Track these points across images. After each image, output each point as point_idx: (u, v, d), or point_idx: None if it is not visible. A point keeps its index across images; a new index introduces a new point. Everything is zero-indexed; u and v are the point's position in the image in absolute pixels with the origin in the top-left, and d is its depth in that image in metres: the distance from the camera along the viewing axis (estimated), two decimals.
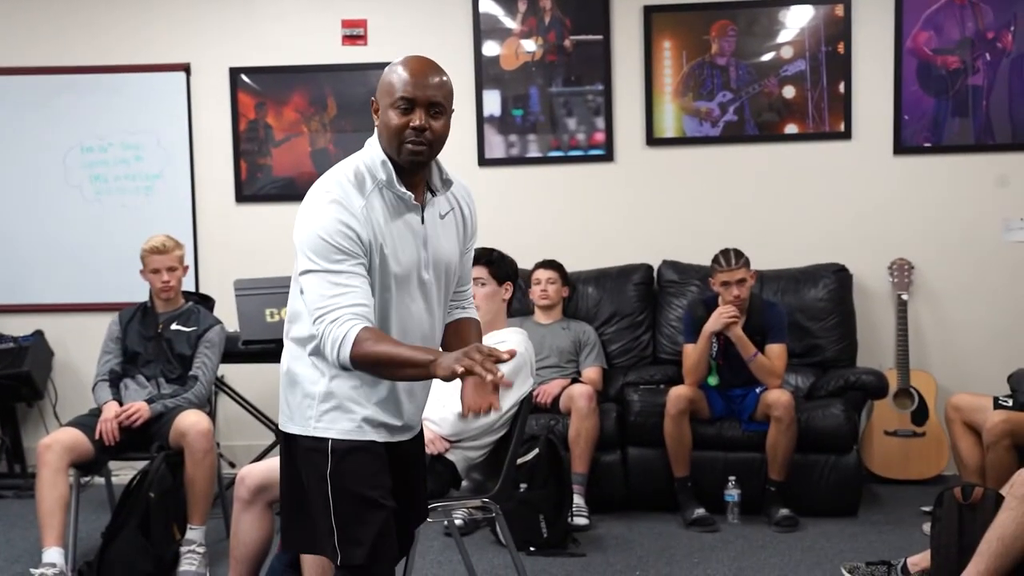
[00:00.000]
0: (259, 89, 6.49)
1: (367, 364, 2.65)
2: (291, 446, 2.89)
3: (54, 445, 4.55)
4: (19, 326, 6.52)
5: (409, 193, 2.79)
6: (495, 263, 4.27)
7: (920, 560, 4.19)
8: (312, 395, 2.80)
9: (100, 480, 5.29)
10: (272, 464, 3.82)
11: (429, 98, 2.77)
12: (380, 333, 2.68)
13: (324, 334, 2.64)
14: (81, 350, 6.43)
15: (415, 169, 2.80)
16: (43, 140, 6.57)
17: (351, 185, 2.74)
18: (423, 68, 2.80)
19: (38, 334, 6.50)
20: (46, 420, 6.51)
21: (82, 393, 6.09)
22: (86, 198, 6.59)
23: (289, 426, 2.88)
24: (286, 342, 2.91)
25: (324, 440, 2.78)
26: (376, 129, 2.80)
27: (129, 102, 6.55)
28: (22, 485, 6.11)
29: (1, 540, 5.27)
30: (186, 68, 6.51)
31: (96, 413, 4.83)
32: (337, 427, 2.78)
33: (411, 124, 2.73)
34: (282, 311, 4.87)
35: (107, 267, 6.51)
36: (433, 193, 2.89)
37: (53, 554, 4.36)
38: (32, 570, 4.35)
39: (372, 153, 2.79)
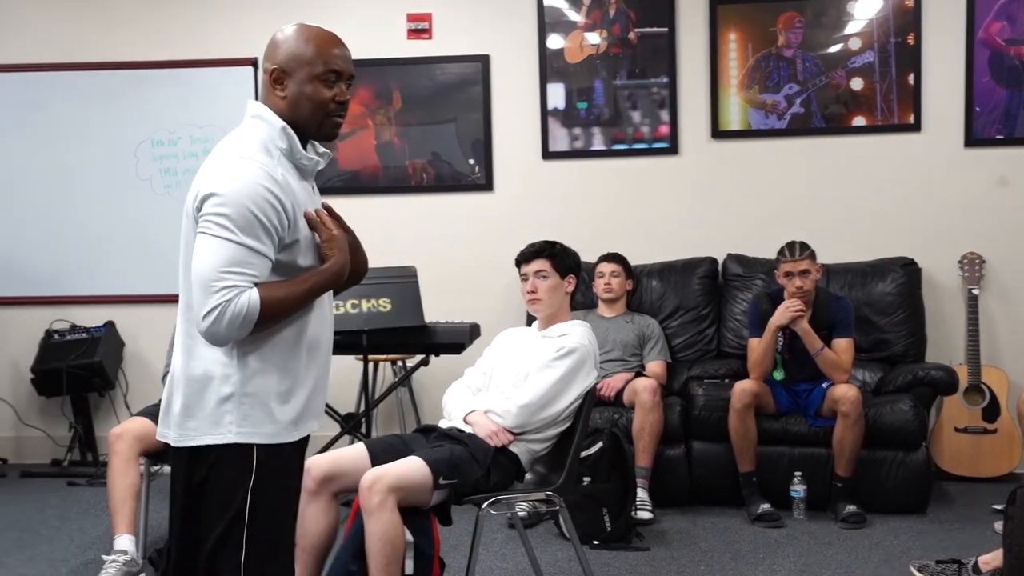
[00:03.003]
0: None
1: (275, 316, 2.50)
2: (196, 462, 2.58)
3: (125, 434, 4.62)
4: (91, 317, 6.65)
5: (316, 158, 2.65)
6: (557, 256, 4.25)
7: (992, 559, 4.14)
8: (228, 396, 2.54)
9: (169, 469, 5.36)
10: (337, 455, 3.87)
11: (351, 71, 2.64)
12: (268, 283, 2.50)
13: (221, 304, 2.43)
14: (151, 341, 6.53)
15: (330, 139, 2.70)
16: (115, 134, 6.67)
17: (263, 152, 2.54)
18: (339, 40, 2.65)
19: (109, 325, 6.61)
20: (117, 409, 6.61)
21: (152, 383, 6.21)
22: (156, 191, 6.69)
23: (196, 437, 2.56)
24: (186, 339, 2.63)
25: (248, 447, 2.54)
26: (276, 99, 2.59)
27: (198, 96, 6.64)
28: (94, 473, 6.22)
29: (74, 527, 5.37)
30: (253, 62, 6.58)
31: None
32: (263, 430, 2.55)
33: (337, 98, 2.61)
34: (348, 302, 4.88)
35: (176, 259, 6.57)
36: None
37: (124, 541, 4.43)
38: (104, 557, 4.42)
39: (268, 121, 2.58)
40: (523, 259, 4.28)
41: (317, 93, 2.58)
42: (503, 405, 3.97)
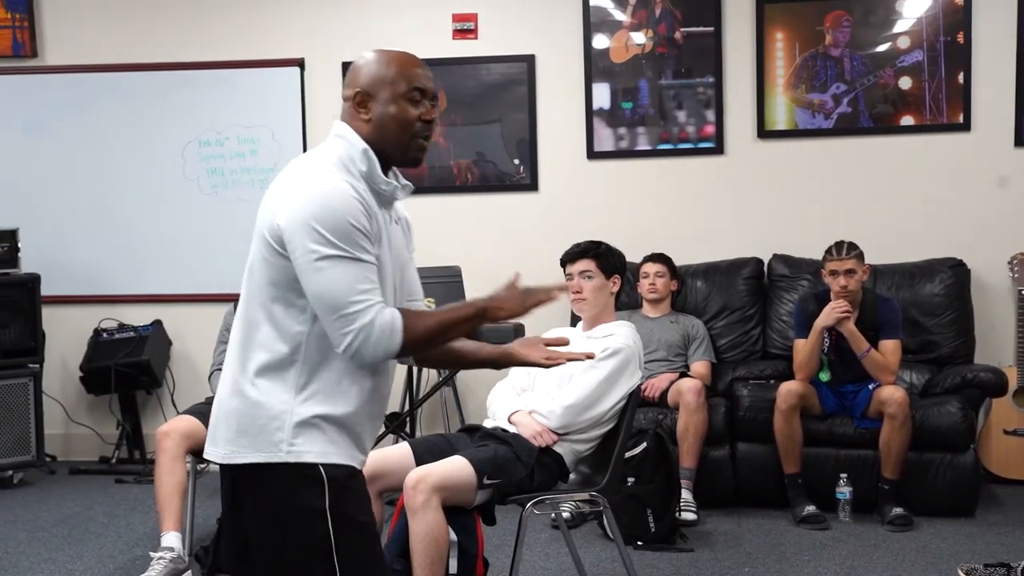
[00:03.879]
0: None
1: (422, 343, 2.47)
2: (254, 481, 2.50)
3: (172, 432, 4.66)
4: (139, 316, 6.71)
5: (394, 184, 2.57)
6: (603, 256, 4.25)
7: None
8: (279, 415, 2.46)
9: (216, 467, 5.41)
10: (381, 454, 3.88)
11: (434, 90, 2.60)
12: (414, 311, 2.51)
13: (366, 326, 2.36)
14: (198, 340, 6.59)
15: (416, 164, 2.62)
16: (163, 134, 6.74)
17: (343, 170, 2.48)
18: (420, 60, 2.60)
19: (157, 324, 6.68)
20: (164, 408, 6.68)
21: (199, 381, 6.26)
22: (203, 191, 6.74)
23: (246, 455, 2.49)
24: (236, 364, 2.55)
25: (312, 466, 2.45)
26: (360, 123, 2.54)
27: (245, 97, 6.69)
28: (142, 471, 6.28)
29: (122, 524, 5.43)
30: (300, 63, 6.62)
31: (212, 401, 4.93)
32: (317, 448, 2.46)
33: (424, 117, 2.55)
34: None
35: (223, 259, 6.64)
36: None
37: (171, 538, 4.47)
38: (151, 553, 4.46)
39: (350, 141, 2.52)
40: (568, 259, 4.28)
41: (402, 112, 2.53)
42: (548, 406, 3.97)
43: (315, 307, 2.41)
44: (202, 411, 4.89)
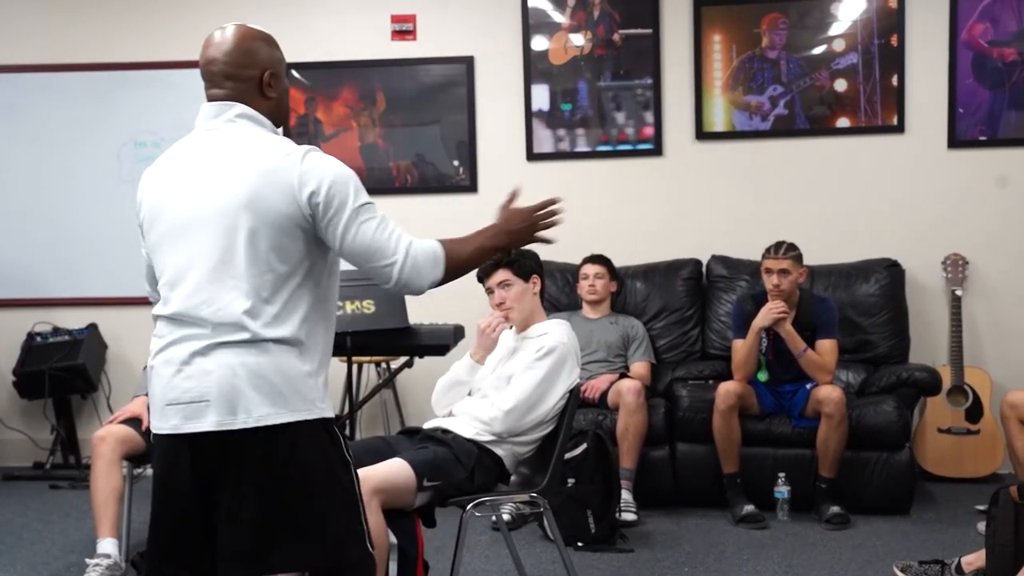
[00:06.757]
0: (309, 84, 6.53)
1: (458, 267, 2.86)
2: (287, 438, 2.56)
3: (108, 437, 4.61)
4: (74, 319, 6.62)
5: None
6: (515, 262, 4.21)
7: (975, 559, 4.14)
8: (312, 373, 2.61)
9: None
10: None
11: None
12: (449, 240, 2.86)
13: (415, 254, 2.68)
14: (134, 343, 6.51)
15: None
16: (98, 135, 6.64)
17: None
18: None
19: (92, 327, 6.58)
20: (100, 412, 6.59)
21: (135, 386, 6.17)
22: None
23: (283, 415, 2.54)
24: (268, 321, 2.58)
25: (330, 420, 2.65)
26: (265, 102, 2.86)
27: (181, 97, 6.59)
28: (77, 476, 6.19)
29: (56, 530, 5.35)
30: None
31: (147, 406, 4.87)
32: (328, 404, 2.67)
33: None
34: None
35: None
36: None
37: (107, 544, 4.42)
38: (87, 560, 4.41)
39: (267, 125, 2.84)
40: (484, 274, 4.24)
41: (289, 89, 2.92)
42: (489, 413, 3.95)
43: (358, 259, 2.65)
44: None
